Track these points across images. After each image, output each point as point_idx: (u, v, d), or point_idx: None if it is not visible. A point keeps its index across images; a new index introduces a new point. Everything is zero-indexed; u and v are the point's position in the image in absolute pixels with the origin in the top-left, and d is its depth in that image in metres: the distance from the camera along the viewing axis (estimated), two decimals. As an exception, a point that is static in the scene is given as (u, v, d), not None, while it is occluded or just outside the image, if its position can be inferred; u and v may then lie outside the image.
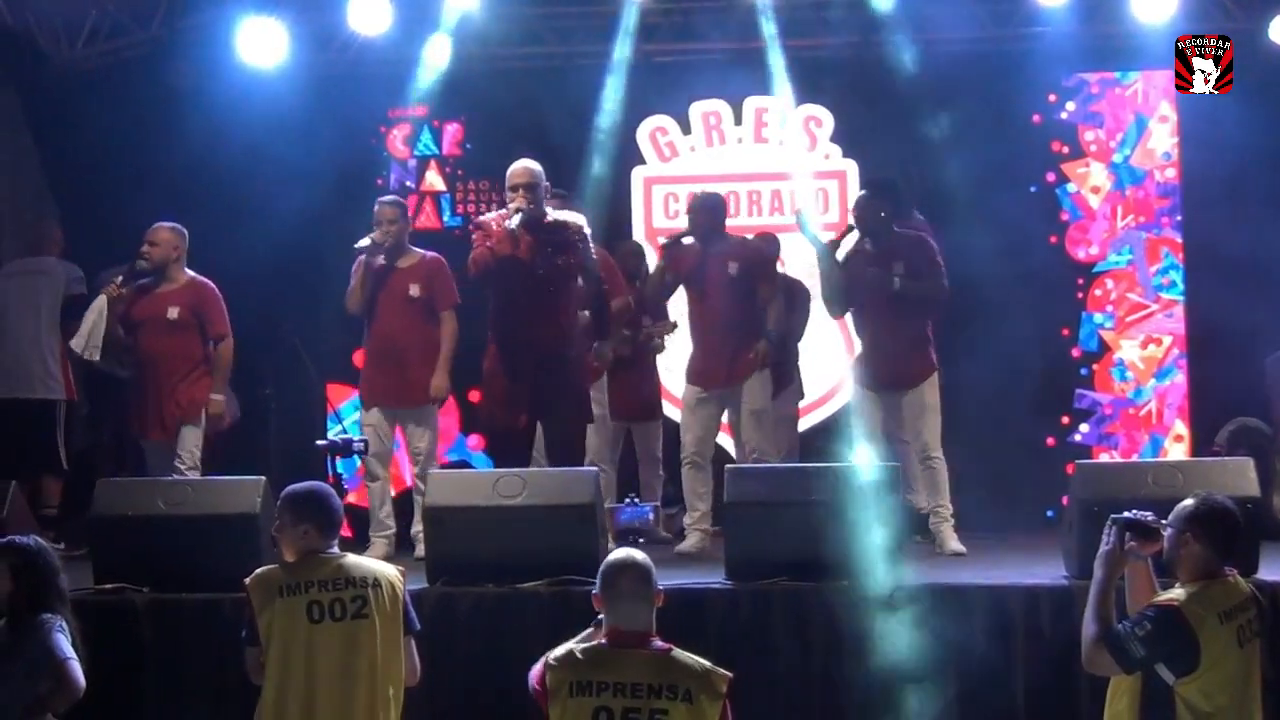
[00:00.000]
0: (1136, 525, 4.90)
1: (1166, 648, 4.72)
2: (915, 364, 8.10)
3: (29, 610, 5.60)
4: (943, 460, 8.04)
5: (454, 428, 10.63)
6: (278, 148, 9.72)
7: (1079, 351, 10.20)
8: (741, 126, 10.60)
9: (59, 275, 9.13)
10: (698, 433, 8.37)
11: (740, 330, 8.31)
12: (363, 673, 5.06)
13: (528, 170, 7.79)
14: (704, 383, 8.40)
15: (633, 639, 4.47)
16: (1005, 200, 9.77)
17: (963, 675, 6.39)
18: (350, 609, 5.07)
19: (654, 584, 4.57)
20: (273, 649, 5.02)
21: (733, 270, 8.32)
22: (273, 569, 5.14)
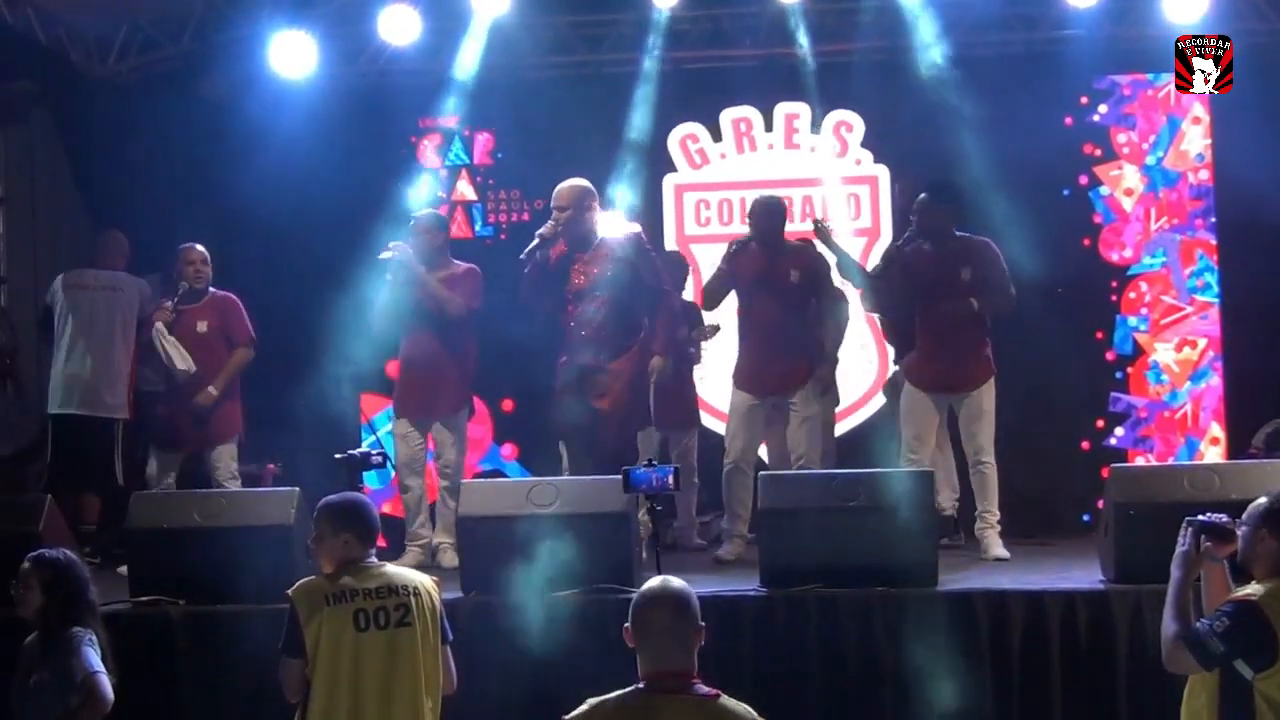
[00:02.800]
0: (1211, 527, 4.98)
1: (1245, 642, 4.75)
2: (976, 367, 8.07)
3: (59, 624, 5.62)
4: (993, 465, 8.01)
5: (488, 437, 10.64)
6: (310, 159, 9.75)
7: (1113, 355, 10.15)
8: (772, 133, 10.59)
9: (132, 292, 9.23)
10: (745, 440, 8.35)
11: (797, 338, 8.33)
12: (406, 681, 5.09)
13: (561, 192, 7.93)
14: (756, 389, 8.38)
15: (672, 682, 3.93)
16: (1038, 204, 9.72)
17: (999, 679, 6.37)
18: (394, 617, 5.09)
19: (694, 617, 4.01)
20: (320, 659, 5.02)
21: (794, 278, 8.33)
22: (316, 579, 5.14)
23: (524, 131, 10.49)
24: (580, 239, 7.89)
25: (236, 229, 9.60)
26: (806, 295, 8.40)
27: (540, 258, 7.90)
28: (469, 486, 7.34)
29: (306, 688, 5.03)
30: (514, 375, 9.89)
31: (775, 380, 8.33)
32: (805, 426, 8.34)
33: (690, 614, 3.99)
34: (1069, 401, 9.75)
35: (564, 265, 7.91)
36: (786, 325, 8.32)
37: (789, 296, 8.33)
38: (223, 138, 9.74)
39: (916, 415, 8.13)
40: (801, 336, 8.36)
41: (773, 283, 8.33)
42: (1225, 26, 9.11)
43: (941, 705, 6.29)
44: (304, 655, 5.01)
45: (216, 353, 8.62)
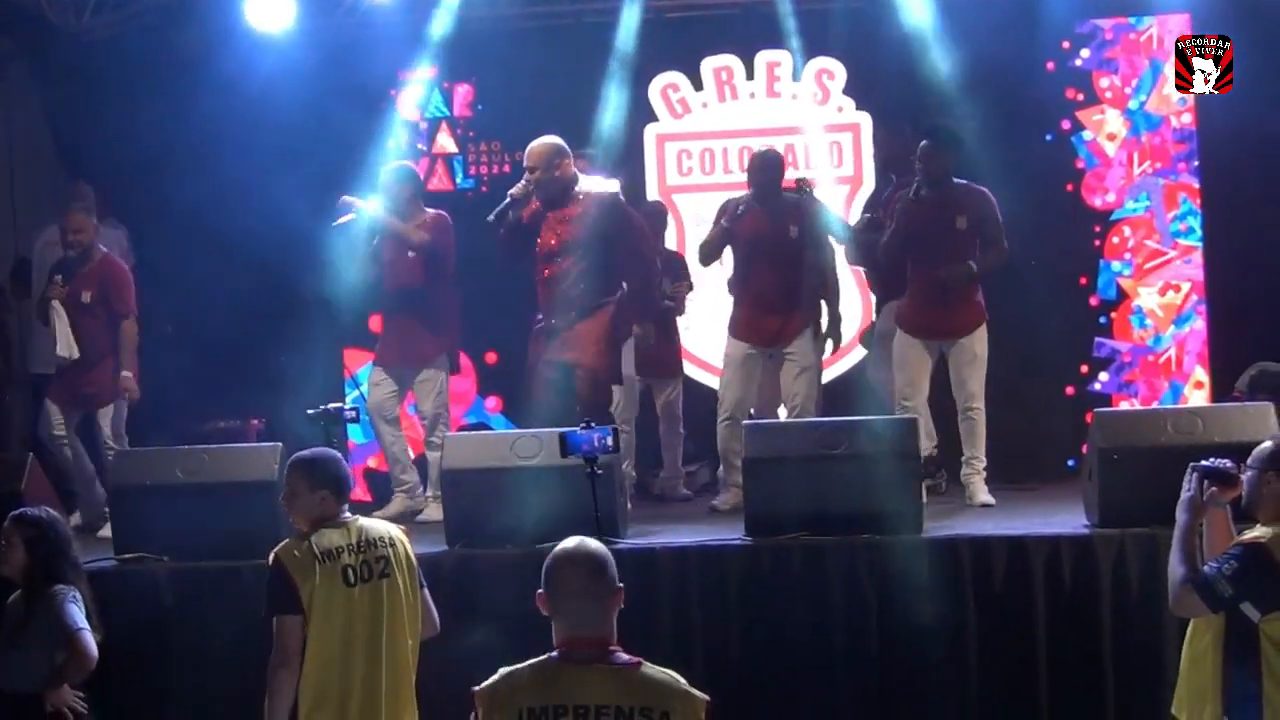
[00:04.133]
0: (1216, 472, 5.02)
1: (1252, 585, 4.81)
2: (969, 312, 8.09)
3: (43, 581, 5.63)
4: (983, 411, 8.03)
5: (472, 389, 10.62)
6: (288, 112, 9.69)
7: (1097, 300, 10.14)
8: (753, 81, 10.53)
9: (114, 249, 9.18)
10: (741, 390, 8.39)
11: (797, 291, 8.39)
12: (391, 630, 5.14)
13: (531, 151, 7.90)
14: (754, 339, 8.42)
15: (589, 650, 3.66)
16: (1020, 149, 9.70)
17: (984, 624, 6.39)
18: (376, 569, 5.15)
19: (612, 579, 3.73)
20: (314, 618, 5.03)
21: (794, 233, 8.36)
22: (300, 541, 5.13)
23: (504, 83, 10.42)
24: (553, 197, 7.84)
25: (215, 183, 9.53)
26: (804, 249, 8.45)
27: (513, 218, 7.87)
28: (452, 439, 7.33)
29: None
30: (497, 327, 9.86)
31: (775, 330, 8.37)
32: (804, 376, 8.39)
33: (608, 576, 3.71)
34: (1053, 347, 9.73)
35: (537, 224, 7.88)
36: (787, 279, 8.39)
37: (789, 252, 8.41)
38: (200, 92, 9.66)
39: (910, 361, 8.14)
40: (800, 289, 8.41)
41: (774, 240, 8.41)
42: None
43: (927, 651, 6.33)
44: (303, 611, 5.01)
45: (100, 321, 8.60)
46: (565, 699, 3.59)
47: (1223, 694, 4.90)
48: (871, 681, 6.40)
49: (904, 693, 6.38)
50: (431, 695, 5.56)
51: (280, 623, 5.06)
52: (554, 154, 7.86)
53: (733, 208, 8.48)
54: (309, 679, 5.04)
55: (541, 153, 7.86)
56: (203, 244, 9.55)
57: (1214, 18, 9.21)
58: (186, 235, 9.69)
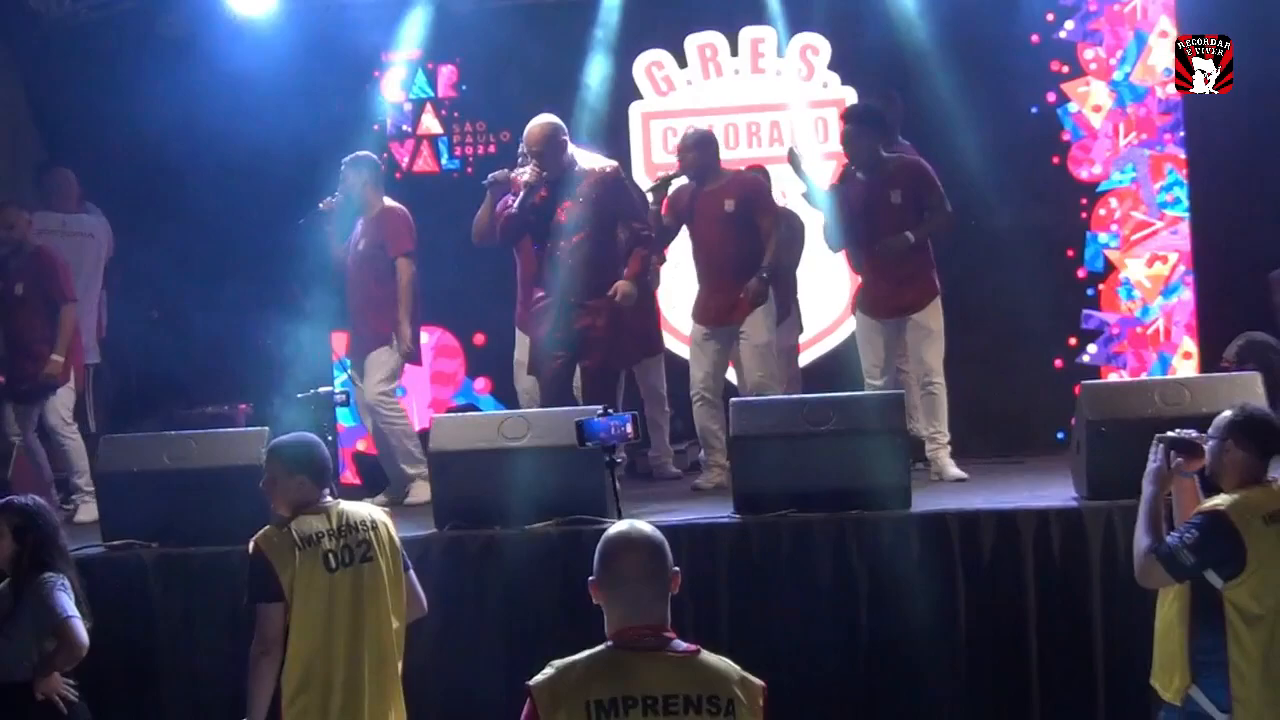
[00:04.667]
0: (1181, 442, 5.07)
1: (1214, 552, 4.84)
2: (918, 289, 8.07)
3: (31, 569, 5.62)
4: (943, 386, 8.01)
5: (460, 371, 10.60)
6: (272, 96, 9.66)
7: (1084, 272, 10.12)
8: (738, 57, 10.49)
9: (103, 238, 9.19)
10: (706, 369, 8.40)
11: (741, 266, 8.30)
12: (374, 614, 5.14)
13: (531, 135, 7.87)
14: (707, 320, 8.44)
15: (648, 639, 3.50)
16: (1006, 122, 9.69)
17: (975, 600, 6.39)
18: (358, 553, 5.14)
19: (670, 563, 3.58)
20: (296, 604, 5.03)
21: (729, 207, 8.33)
22: (279, 527, 5.14)
23: (487, 63, 10.39)
24: (557, 177, 7.85)
25: (198, 167, 9.51)
26: (746, 221, 8.36)
27: (528, 205, 7.87)
28: (441, 421, 7.31)
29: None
30: (485, 308, 9.85)
31: (723, 309, 8.35)
32: (757, 353, 8.35)
33: (667, 560, 3.56)
34: (1041, 320, 9.71)
35: (546, 204, 7.88)
36: (727, 254, 8.33)
37: (725, 227, 8.33)
38: (183, 76, 9.62)
39: (872, 343, 8.17)
40: (744, 264, 8.30)
41: (707, 215, 8.36)
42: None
43: (917, 626, 6.32)
44: (284, 599, 5.01)
45: (37, 313, 8.54)
46: (633, 690, 3.41)
47: (1190, 661, 4.95)
48: (861, 657, 6.40)
49: (894, 667, 6.38)
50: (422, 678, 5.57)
51: (261, 610, 5.06)
52: (555, 132, 7.87)
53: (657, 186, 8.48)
54: (292, 665, 5.04)
55: (543, 134, 7.84)
56: (188, 228, 9.53)
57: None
58: (171, 219, 9.67)
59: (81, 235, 9.20)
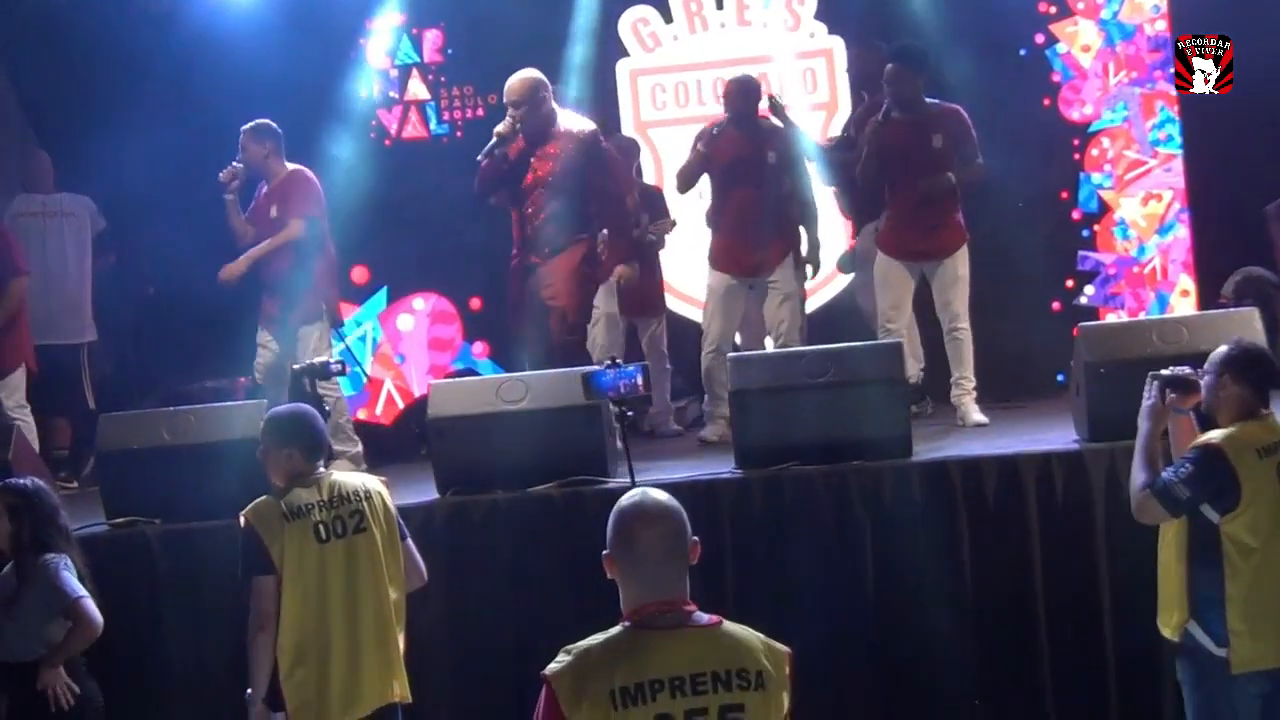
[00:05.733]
0: (1176, 380, 5.11)
1: (1209, 486, 4.88)
2: (950, 233, 8.05)
3: (32, 550, 5.61)
4: (969, 331, 8.01)
5: (458, 336, 10.59)
6: (257, 67, 9.61)
7: (1079, 213, 10.09)
8: (723, 11, 10.44)
9: (84, 215, 9.19)
10: (724, 322, 8.40)
11: (775, 218, 8.35)
12: (369, 584, 5.15)
13: (511, 87, 7.80)
14: (736, 270, 8.39)
15: (669, 615, 3.32)
16: (995, 66, 9.64)
17: (978, 545, 6.39)
18: (350, 524, 5.14)
19: (688, 535, 3.40)
20: (286, 576, 5.04)
21: (772, 159, 8.32)
22: (267, 500, 5.16)
23: (472, 26, 10.34)
24: (536, 133, 7.79)
25: (185, 140, 9.47)
26: (782, 175, 8.39)
27: (499, 155, 7.81)
28: (438, 387, 7.30)
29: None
30: (480, 273, 9.84)
31: (755, 260, 8.32)
32: (788, 304, 8.37)
33: (687, 533, 3.39)
34: (1037, 263, 9.69)
35: (522, 160, 7.83)
36: (765, 206, 8.33)
37: (766, 177, 8.34)
38: (167, 48, 9.59)
39: (892, 284, 8.12)
40: (779, 216, 8.36)
41: (751, 165, 8.35)
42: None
43: (922, 574, 6.32)
44: (276, 571, 5.01)
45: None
46: (657, 671, 3.22)
47: (1188, 597, 4.99)
48: (868, 607, 6.40)
49: (901, 617, 6.38)
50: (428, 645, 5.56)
51: (255, 584, 5.08)
52: (536, 87, 7.79)
53: (708, 132, 8.43)
54: (286, 637, 5.05)
55: (524, 87, 7.78)
56: (178, 202, 9.50)
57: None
58: (161, 194, 9.64)
59: (62, 214, 9.20)
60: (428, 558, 5.53)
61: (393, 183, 10.02)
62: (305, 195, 8.28)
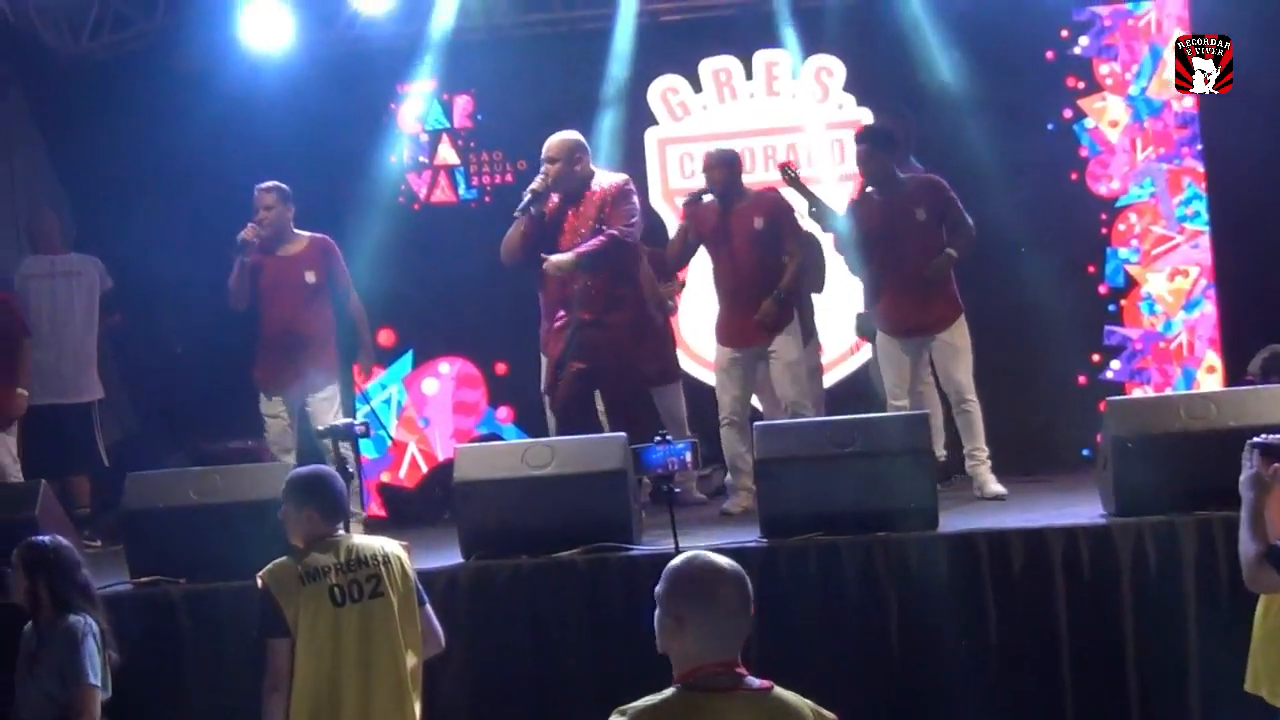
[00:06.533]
0: (1272, 448, 4.96)
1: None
2: (942, 307, 8.05)
3: (53, 608, 5.59)
4: (977, 403, 7.99)
5: (483, 401, 10.60)
6: (289, 130, 9.68)
7: (1106, 288, 10.09)
8: (753, 81, 10.49)
9: (91, 274, 9.24)
10: (734, 392, 8.36)
11: (767, 285, 8.28)
12: (384, 649, 5.11)
13: (550, 144, 7.87)
14: (735, 342, 8.38)
15: (724, 678, 3.28)
16: (1023, 139, 9.67)
17: (1005, 619, 6.36)
18: (367, 589, 5.12)
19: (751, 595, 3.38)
20: (301, 639, 5.03)
21: (759, 225, 8.31)
22: (285, 562, 5.16)
23: (503, 92, 10.41)
24: (572, 192, 7.84)
25: (216, 202, 9.53)
26: (772, 242, 8.35)
27: (535, 213, 7.84)
28: (464, 451, 7.30)
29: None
30: (506, 338, 9.85)
31: (749, 330, 8.30)
32: (789, 372, 8.32)
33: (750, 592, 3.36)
34: (1063, 337, 9.69)
35: (557, 219, 7.86)
36: (755, 275, 8.30)
37: (755, 245, 8.31)
38: (200, 112, 9.65)
39: (893, 361, 8.14)
40: (770, 284, 8.29)
41: (736, 234, 8.33)
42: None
43: (948, 647, 6.29)
44: (290, 634, 5.01)
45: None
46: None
47: None
48: (893, 679, 6.37)
49: (926, 689, 6.35)
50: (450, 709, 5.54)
51: (269, 645, 5.08)
52: (574, 147, 7.86)
53: (691, 203, 8.45)
54: (299, 700, 5.03)
55: (561, 145, 7.85)
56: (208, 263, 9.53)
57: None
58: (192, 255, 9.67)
59: (70, 274, 9.27)
60: (451, 621, 5.52)
61: (421, 247, 10.07)
62: (344, 264, 8.36)
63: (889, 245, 8.09)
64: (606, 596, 6.42)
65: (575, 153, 7.85)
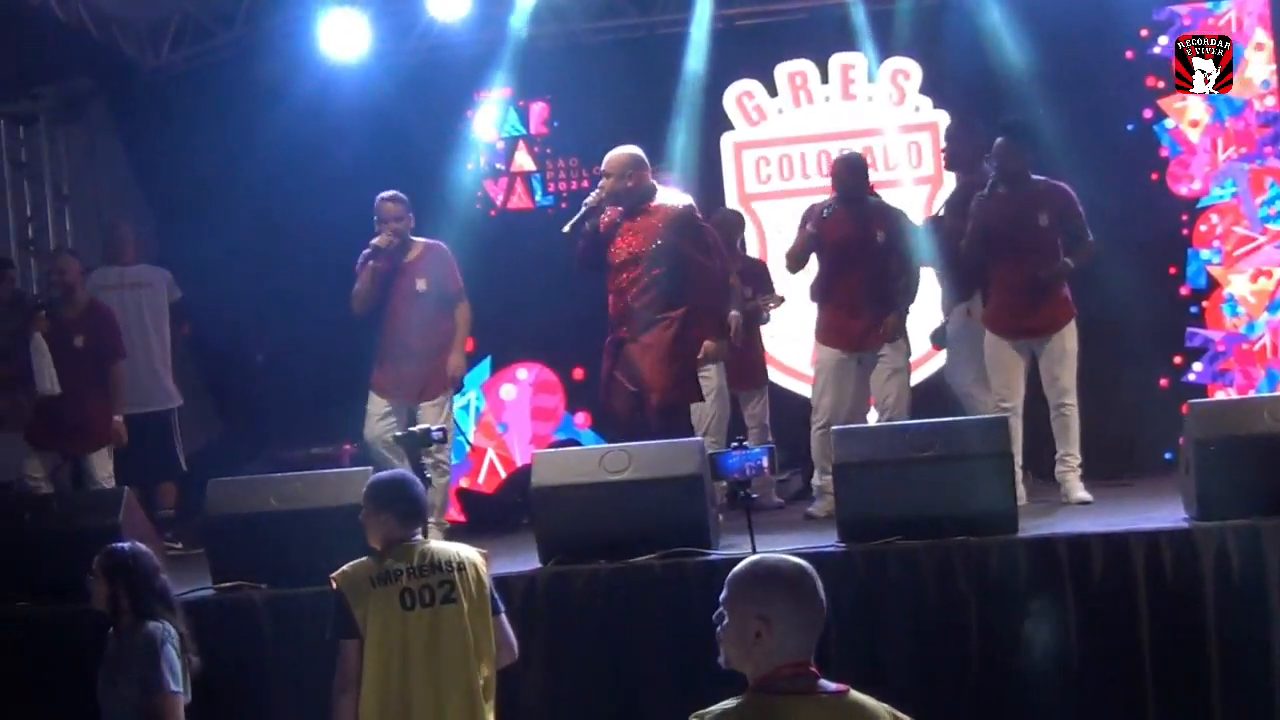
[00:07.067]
0: None
1: None
2: (1058, 309, 7.97)
3: (131, 614, 5.64)
4: (1076, 408, 7.91)
5: (560, 406, 10.64)
6: (366, 138, 9.77)
7: (1187, 289, 10.01)
8: (828, 84, 10.49)
9: (160, 286, 9.33)
10: (835, 397, 8.30)
11: (884, 294, 8.29)
12: (456, 657, 5.09)
13: (607, 159, 7.84)
14: (845, 344, 8.34)
15: (800, 679, 3.23)
16: (1103, 140, 9.62)
17: (1085, 624, 6.30)
18: (439, 594, 5.11)
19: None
20: (370, 640, 5.05)
21: (880, 236, 8.28)
22: (358, 564, 5.18)
23: (579, 99, 10.45)
24: (629, 207, 7.79)
25: (295, 212, 9.62)
26: (891, 251, 8.34)
27: (590, 227, 7.82)
28: (542, 456, 7.31)
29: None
30: (584, 343, 9.83)
31: (864, 334, 8.28)
32: (896, 379, 8.29)
33: (823, 592, 3.31)
34: (1145, 339, 9.63)
35: (611, 233, 7.84)
36: (874, 282, 8.30)
37: (876, 255, 8.31)
38: (278, 122, 9.74)
39: (1003, 363, 8.03)
40: (888, 292, 8.31)
41: (860, 241, 8.30)
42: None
43: (1027, 652, 6.24)
44: (359, 635, 5.04)
45: (88, 363, 8.65)
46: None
47: None
48: (972, 685, 6.32)
49: (1005, 694, 6.29)
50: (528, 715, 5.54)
51: (340, 646, 5.11)
52: (629, 163, 7.79)
53: (817, 212, 8.39)
54: (368, 702, 5.04)
55: (616, 160, 7.80)
56: (287, 272, 9.64)
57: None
58: (271, 264, 9.78)
59: (140, 286, 9.37)
60: (528, 627, 5.54)
61: (497, 253, 10.11)
62: (456, 269, 8.39)
63: (1009, 244, 7.99)
64: (684, 601, 6.40)
65: (629, 168, 7.77)
